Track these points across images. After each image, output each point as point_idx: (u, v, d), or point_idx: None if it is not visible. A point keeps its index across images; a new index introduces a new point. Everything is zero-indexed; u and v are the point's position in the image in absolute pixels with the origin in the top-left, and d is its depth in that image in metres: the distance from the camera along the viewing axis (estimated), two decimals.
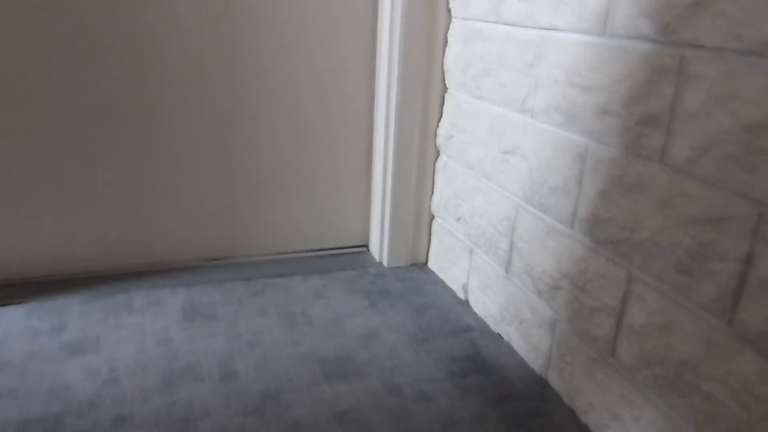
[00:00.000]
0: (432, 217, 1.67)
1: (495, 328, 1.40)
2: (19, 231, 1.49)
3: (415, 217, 1.66)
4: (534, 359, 1.26)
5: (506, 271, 1.34)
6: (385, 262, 1.69)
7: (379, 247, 1.71)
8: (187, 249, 1.64)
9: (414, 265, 1.71)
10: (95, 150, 1.48)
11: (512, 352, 1.32)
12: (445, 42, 1.51)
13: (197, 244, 1.64)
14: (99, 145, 1.48)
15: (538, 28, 1.16)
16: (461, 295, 1.54)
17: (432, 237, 1.68)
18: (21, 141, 1.43)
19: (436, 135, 1.59)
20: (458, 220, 1.53)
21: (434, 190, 1.64)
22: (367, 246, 1.80)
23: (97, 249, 1.56)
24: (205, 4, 1.44)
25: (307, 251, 1.75)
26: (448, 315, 1.46)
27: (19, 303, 1.43)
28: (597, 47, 1.02)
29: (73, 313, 1.40)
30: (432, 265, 1.69)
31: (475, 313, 1.47)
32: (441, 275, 1.64)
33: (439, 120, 1.58)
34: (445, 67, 1.52)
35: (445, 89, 1.54)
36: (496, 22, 1.29)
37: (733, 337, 0.83)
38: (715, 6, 0.81)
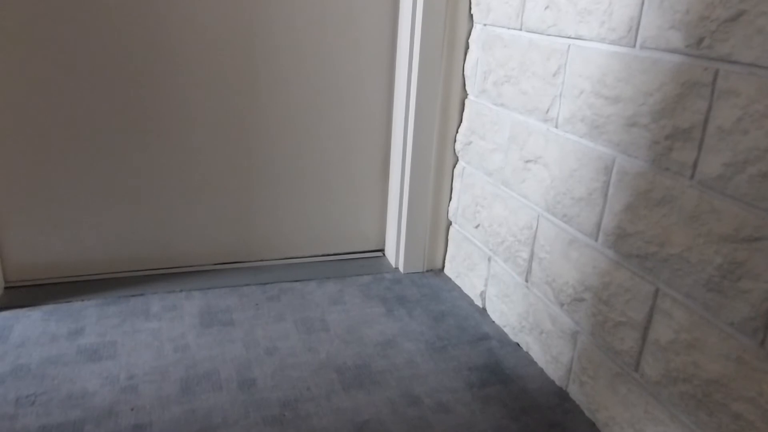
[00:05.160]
0: (449, 223, 1.66)
1: (513, 338, 1.39)
2: (35, 234, 1.49)
3: (431, 223, 1.65)
4: (554, 370, 1.25)
5: (526, 280, 1.33)
6: (401, 268, 1.68)
7: (395, 253, 1.70)
8: (202, 252, 1.63)
9: (430, 271, 1.70)
10: (112, 154, 1.48)
11: (531, 362, 1.31)
12: (467, 47, 1.49)
13: (213, 248, 1.64)
14: (116, 150, 1.48)
15: (563, 36, 1.15)
16: (478, 302, 1.53)
17: (449, 243, 1.67)
18: (38, 145, 1.42)
19: (455, 141, 1.58)
20: (476, 227, 1.51)
21: (452, 196, 1.63)
22: (383, 251, 1.79)
23: (113, 252, 1.56)
24: (223, 16, 1.43)
25: (322, 255, 1.74)
26: (466, 323, 1.45)
27: (35, 306, 1.43)
28: (625, 58, 1.01)
29: (90, 317, 1.39)
30: (448, 271, 1.68)
31: (493, 322, 1.46)
32: (458, 282, 1.63)
33: (459, 126, 1.56)
34: (465, 73, 1.51)
35: (465, 95, 1.53)
36: (518, 29, 1.28)
37: (766, 358, 0.81)
38: (752, 22, 0.80)
